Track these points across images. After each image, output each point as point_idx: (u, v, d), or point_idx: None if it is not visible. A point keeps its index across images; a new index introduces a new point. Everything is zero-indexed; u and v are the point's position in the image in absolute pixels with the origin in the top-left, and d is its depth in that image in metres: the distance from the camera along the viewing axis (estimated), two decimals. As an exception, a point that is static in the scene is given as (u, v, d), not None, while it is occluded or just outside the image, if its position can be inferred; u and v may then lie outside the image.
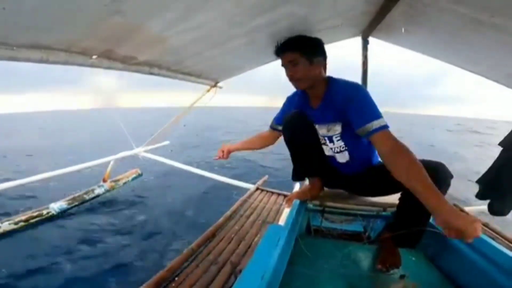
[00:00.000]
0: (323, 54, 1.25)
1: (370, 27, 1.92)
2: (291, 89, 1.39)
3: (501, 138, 1.78)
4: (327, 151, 1.40)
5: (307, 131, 1.36)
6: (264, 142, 1.63)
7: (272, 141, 1.62)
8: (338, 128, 1.26)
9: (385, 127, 1.05)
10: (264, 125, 1.86)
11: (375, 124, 1.05)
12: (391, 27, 1.74)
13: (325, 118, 1.28)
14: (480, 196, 2.11)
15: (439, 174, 1.03)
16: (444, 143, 14.21)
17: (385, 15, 1.56)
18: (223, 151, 1.59)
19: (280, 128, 1.50)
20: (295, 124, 1.36)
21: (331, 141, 1.32)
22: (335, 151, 1.34)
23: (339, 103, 1.19)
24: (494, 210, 1.78)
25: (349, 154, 1.32)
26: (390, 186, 1.25)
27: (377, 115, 1.07)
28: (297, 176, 1.50)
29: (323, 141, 1.38)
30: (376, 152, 1.33)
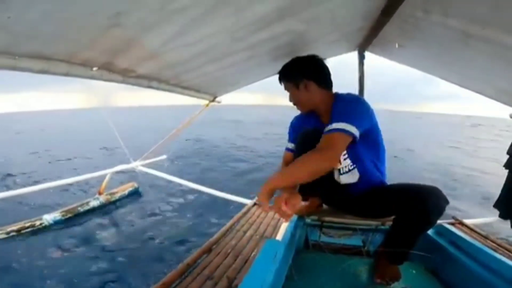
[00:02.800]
0: (308, 75, 1.23)
1: (365, 42, 1.97)
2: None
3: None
4: (336, 175, 1.32)
5: None
6: None
7: None
8: None
9: (342, 130, 1.03)
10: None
11: (334, 126, 1.05)
12: (386, 41, 1.79)
13: None
14: (503, 216, 2.40)
15: (431, 199, 1.01)
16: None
17: (380, 30, 1.60)
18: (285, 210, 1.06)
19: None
20: (312, 140, 1.23)
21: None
22: (342, 172, 1.28)
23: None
24: None
25: (359, 172, 1.26)
26: (389, 209, 1.22)
27: (350, 120, 1.05)
28: (302, 194, 1.43)
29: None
30: (383, 172, 1.33)
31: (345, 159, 1.26)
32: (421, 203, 1.02)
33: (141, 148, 4.11)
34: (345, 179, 1.30)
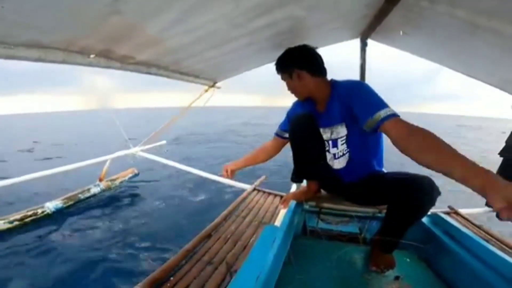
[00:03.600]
0: (299, 65, 1.24)
1: (369, 30, 1.93)
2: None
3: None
4: (329, 159, 1.38)
5: (313, 133, 1.35)
6: (269, 153, 1.61)
7: (277, 150, 1.60)
8: (343, 130, 1.25)
9: (395, 114, 0.97)
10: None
11: (383, 112, 0.98)
12: (390, 29, 1.75)
13: (330, 121, 1.28)
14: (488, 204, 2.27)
15: (424, 189, 1.02)
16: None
17: (384, 18, 1.57)
18: (227, 171, 1.57)
19: (286, 135, 1.49)
20: (302, 125, 1.34)
21: (335, 145, 1.30)
22: (337, 156, 1.32)
23: (343, 101, 1.19)
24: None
25: (349, 158, 1.30)
26: (382, 198, 1.26)
27: (384, 104, 1.01)
28: (297, 177, 1.49)
29: (326, 148, 1.36)
30: (377, 160, 1.34)
31: (342, 144, 1.28)
32: (414, 193, 1.03)
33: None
34: (338, 164, 1.34)
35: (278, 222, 1.50)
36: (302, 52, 1.27)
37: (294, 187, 2.19)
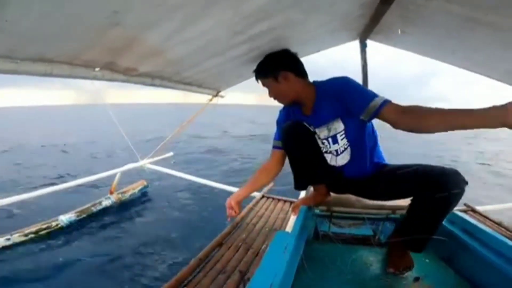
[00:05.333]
0: (285, 66, 1.26)
1: (367, 30, 1.93)
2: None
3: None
4: (330, 159, 1.35)
5: (306, 138, 1.34)
6: (271, 171, 1.50)
7: (281, 163, 1.49)
8: (340, 125, 1.24)
9: (388, 100, 1.06)
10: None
11: (379, 100, 1.07)
12: (388, 29, 1.75)
13: (322, 119, 1.27)
14: None
15: (454, 181, 1.01)
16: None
17: (381, 18, 1.57)
18: (231, 207, 1.44)
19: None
20: (294, 132, 1.33)
21: (335, 141, 1.28)
22: (340, 152, 1.30)
23: (333, 98, 1.20)
24: None
25: (351, 151, 1.29)
26: (399, 192, 1.22)
27: (374, 94, 1.10)
28: (299, 185, 1.46)
29: (325, 148, 1.34)
30: (376, 151, 1.34)
31: (342, 138, 1.26)
32: (444, 185, 1.00)
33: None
34: (341, 159, 1.32)
35: (289, 228, 1.47)
36: (286, 54, 1.31)
37: (303, 193, 2.17)
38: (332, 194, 1.55)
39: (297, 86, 1.26)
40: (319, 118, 1.28)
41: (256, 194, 2.85)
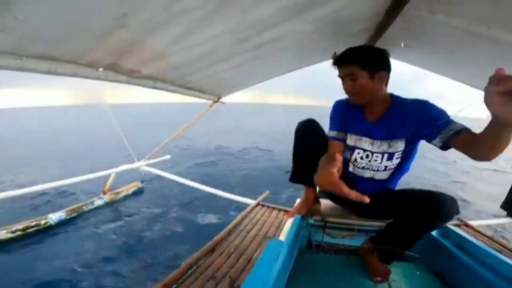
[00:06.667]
0: (387, 68, 1.16)
1: (371, 43, 1.96)
2: (284, 83, 1.38)
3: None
4: (369, 174, 1.30)
5: (319, 141, 1.33)
6: (335, 159, 1.38)
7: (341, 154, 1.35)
8: (401, 145, 1.19)
9: (463, 128, 1.00)
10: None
11: (457, 126, 1.01)
12: (391, 42, 1.78)
13: (388, 135, 1.21)
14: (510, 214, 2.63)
15: (445, 208, 1.02)
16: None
17: (385, 31, 1.59)
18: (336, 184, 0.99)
19: (342, 135, 1.34)
20: (311, 130, 1.34)
21: (390, 158, 1.23)
22: (388, 168, 1.26)
23: (410, 118, 1.14)
24: None
25: (396, 172, 1.27)
26: (392, 213, 1.22)
27: (452, 120, 1.04)
28: (295, 179, 1.48)
29: (369, 160, 1.28)
30: (399, 178, 1.34)
31: (397, 158, 1.22)
32: (438, 214, 1.03)
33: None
34: (378, 174, 1.29)
35: (282, 237, 1.47)
36: (387, 56, 1.19)
37: (298, 202, 2.17)
38: (327, 202, 1.56)
39: (381, 91, 1.19)
40: (386, 131, 1.22)
41: (251, 202, 2.85)
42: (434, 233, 1.39)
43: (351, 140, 1.31)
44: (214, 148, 9.96)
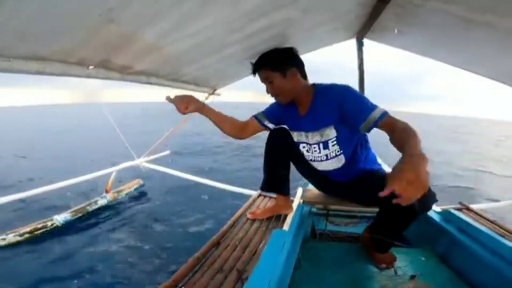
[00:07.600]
0: (295, 64, 1.25)
1: (364, 29, 1.94)
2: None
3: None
4: (317, 165, 1.37)
5: (291, 149, 1.40)
6: (235, 127, 1.44)
7: (246, 133, 1.46)
8: (332, 132, 1.24)
9: (385, 113, 1.06)
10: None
11: (377, 112, 1.06)
12: (384, 28, 1.76)
13: (316, 125, 1.26)
14: None
15: (425, 199, 1.00)
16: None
17: (378, 17, 1.58)
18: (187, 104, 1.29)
19: (267, 124, 1.45)
20: (284, 138, 1.39)
21: (326, 147, 1.28)
22: (330, 157, 1.30)
23: (331, 106, 1.19)
24: None
25: (345, 158, 1.29)
26: (375, 198, 1.24)
27: (374, 105, 1.09)
28: (267, 187, 1.61)
29: (313, 152, 1.34)
30: (370, 157, 1.36)
31: (333, 145, 1.26)
32: (417, 205, 0.99)
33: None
34: (330, 164, 1.32)
35: (286, 227, 1.47)
36: (295, 52, 1.28)
37: (300, 191, 2.17)
38: (311, 190, 1.65)
39: (300, 85, 1.26)
40: (313, 122, 1.27)
41: (253, 193, 2.85)
42: (436, 217, 1.39)
43: (294, 136, 1.39)
44: (214, 145, 9.96)
